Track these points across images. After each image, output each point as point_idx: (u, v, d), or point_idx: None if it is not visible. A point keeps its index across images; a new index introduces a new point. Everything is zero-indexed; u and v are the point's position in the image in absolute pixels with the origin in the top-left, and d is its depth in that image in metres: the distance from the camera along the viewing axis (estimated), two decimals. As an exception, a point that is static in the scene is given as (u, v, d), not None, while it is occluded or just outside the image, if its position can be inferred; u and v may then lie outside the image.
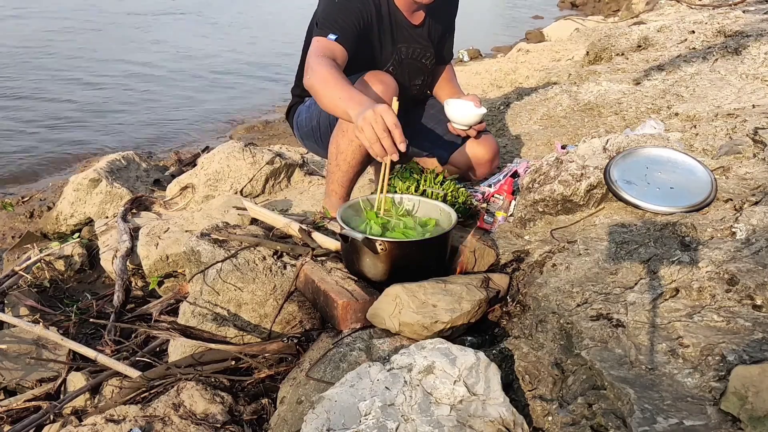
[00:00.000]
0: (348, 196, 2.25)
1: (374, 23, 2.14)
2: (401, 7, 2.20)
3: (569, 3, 13.29)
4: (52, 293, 2.76)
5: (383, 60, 2.24)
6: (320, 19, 2.05)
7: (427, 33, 2.32)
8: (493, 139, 2.44)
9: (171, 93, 7.11)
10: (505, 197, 2.09)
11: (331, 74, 1.85)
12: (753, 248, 1.44)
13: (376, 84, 2.00)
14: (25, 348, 2.20)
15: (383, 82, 2.02)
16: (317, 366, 1.51)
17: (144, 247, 2.63)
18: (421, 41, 2.31)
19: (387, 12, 2.18)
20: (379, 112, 1.58)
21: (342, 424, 1.17)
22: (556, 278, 1.57)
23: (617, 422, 1.11)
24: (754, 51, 3.34)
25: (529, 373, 1.38)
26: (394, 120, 1.58)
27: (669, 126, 2.56)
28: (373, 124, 1.57)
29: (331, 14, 2.03)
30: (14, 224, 3.76)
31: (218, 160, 3.29)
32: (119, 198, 3.33)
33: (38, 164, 4.98)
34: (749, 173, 1.86)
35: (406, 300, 1.50)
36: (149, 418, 1.51)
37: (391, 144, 1.58)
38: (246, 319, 1.80)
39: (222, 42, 10.03)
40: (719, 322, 1.27)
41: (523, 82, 4.90)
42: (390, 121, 1.57)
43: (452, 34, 2.52)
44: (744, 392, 1.04)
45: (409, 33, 2.27)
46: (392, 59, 2.26)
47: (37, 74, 7.41)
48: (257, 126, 6.07)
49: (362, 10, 2.08)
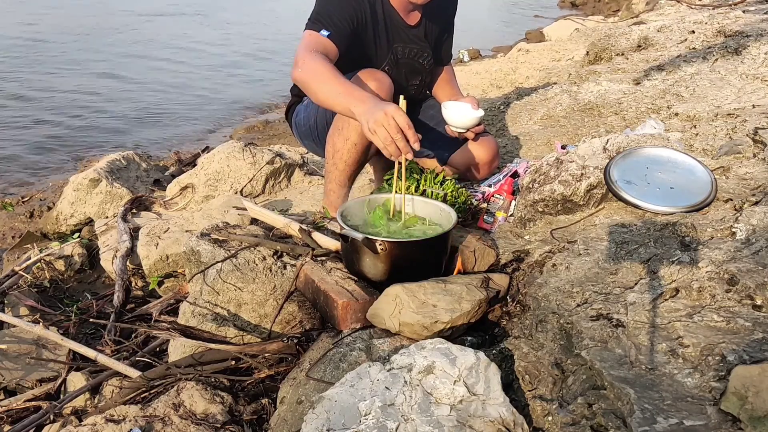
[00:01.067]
0: (347, 196, 2.25)
1: (369, 23, 2.14)
2: (397, 7, 2.20)
3: (569, 3, 13.30)
4: (52, 293, 2.76)
5: (379, 60, 2.24)
6: (314, 15, 2.04)
7: (423, 33, 2.32)
8: (493, 140, 2.44)
9: (171, 93, 7.11)
10: (505, 197, 2.09)
11: (326, 68, 1.84)
12: (753, 248, 1.44)
13: (371, 81, 2.00)
14: (25, 348, 2.20)
15: (378, 79, 2.02)
16: (317, 366, 1.51)
17: (144, 247, 2.64)
18: (418, 41, 2.31)
19: (382, 12, 2.18)
20: (391, 113, 1.59)
21: (342, 424, 1.17)
22: (556, 278, 1.57)
23: (617, 422, 1.11)
24: (754, 51, 3.34)
25: (529, 373, 1.38)
26: (406, 120, 1.59)
27: (669, 126, 2.56)
28: (386, 126, 1.58)
29: (325, 10, 2.03)
30: (14, 224, 3.76)
31: (218, 160, 3.29)
32: (119, 198, 3.33)
33: (38, 164, 4.98)
34: (749, 173, 1.86)
35: (406, 300, 1.50)
36: (149, 418, 1.51)
37: (406, 144, 1.60)
38: (246, 319, 1.80)
39: (222, 42, 10.03)
40: (719, 322, 1.27)
41: (523, 82, 4.90)
42: (402, 122, 1.59)
43: (451, 35, 2.52)
44: (744, 392, 1.04)
45: (405, 33, 2.27)
46: (388, 59, 2.26)
47: (37, 74, 7.42)
48: (257, 126, 6.07)
49: (357, 9, 2.08)
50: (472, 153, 2.39)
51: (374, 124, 1.60)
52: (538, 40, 7.63)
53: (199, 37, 10.23)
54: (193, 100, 6.89)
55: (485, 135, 2.43)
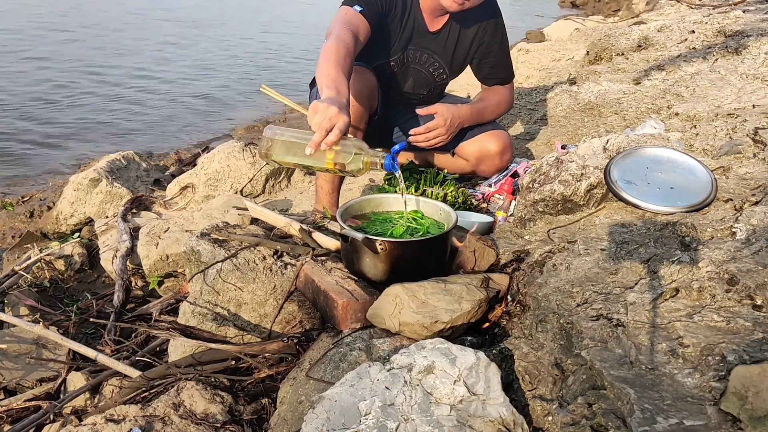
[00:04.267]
0: (336, 192, 2.24)
1: (397, 14, 2.16)
2: (424, 9, 2.19)
3: (569, 3, 13.29)
4: (52, 293, 2.76)
5: (390, 52, 2.24)
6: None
7: (443, 42, 2.29)
8: (505, 132, 2.42)
9: (171, 93, 7.11)
10: (505, 197, 2.10)
11: (337, 51, 1.87)
12: (753, 248, 1.44)
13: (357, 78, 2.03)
14: (25, 348, 2.20)
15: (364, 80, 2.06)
16: (317, 366, 1.51)
17: (144, 247, 2.64)
18: (432, 48, 2.28)
19: (409, 10, 2.19)
20: (335, 114, 1.57)
21: (342, 424, 1.17)
22: (556, 278, 1.57)
23: (617, 422, 1.11)
24: (754, 51, 3.34)
25: (529, 373, 1.38)
26: (339, 128, 1.57)
27: (669, 126, 2.56)
28: (323, 118, 1.58)
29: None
30: (14, 224, 3.76)
31: (218, 160, 3.29)
32: (119, 198, 3.33)
33: (38, 164, 4.98)
34: (749, 173, 1.86)
35: (406, 300, 1.50)
36: (149, 417, 1.51)
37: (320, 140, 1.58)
38: (246, 319, 1.80)
39: (221, 42, 10.03)
40: (719, 322, 1.27)
41: (524, 82, 4.90)
42: (338, 126, 1.57)
43: (498, 60, 2.44)
44: (744, 392, 1.04)
45: (422, 38, 2.25)
46: (397, 57, 2.25)
47: (37, 74, 7.41)
48: (257, 125, 6.07)
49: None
50: (481, 144, 2.37)
51: (321, 109, 1.59)
52: (538, 40, 7.62)
53: (200, 38, 10.23)
54: (193, 100, 6.89)
55: (497, 127, 2.42)
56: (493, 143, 2.36)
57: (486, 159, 2.39)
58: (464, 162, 2.44)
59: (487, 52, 2.41)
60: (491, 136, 2.36)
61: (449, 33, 2.29)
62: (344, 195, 2.61)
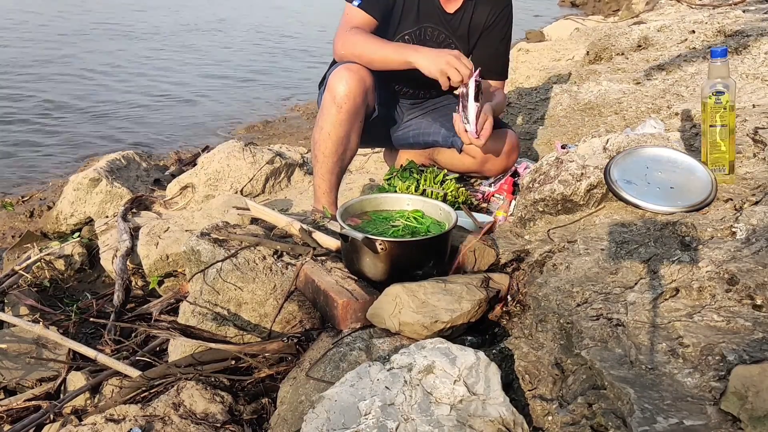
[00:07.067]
0: (333, 191, 2.24)
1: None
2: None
3: (569, 2, 13.29)
4: (52, 293, 2.76)
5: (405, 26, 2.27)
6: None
7: (458, 24, 2.30)
8: (513, 132, 2.41)
9: (171, 92, 7.11)
10: (505, 197, 2.10)
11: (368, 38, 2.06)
12: (753, 248, 1.44)
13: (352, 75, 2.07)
14: (25, 347, 2.20)
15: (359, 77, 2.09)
16: (317, 366, 1.51)
17: (144, 247, 2.64)
18: (448, 28, 2.29)
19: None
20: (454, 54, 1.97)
21: (342, 424, 1.17)
22: (556, 278, 1.57)
23: (617, 422, 1.11)
24: (754, 51, 3.33)
25: (529, 372, 1.38)
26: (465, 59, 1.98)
27: (669, 126, 2.56)
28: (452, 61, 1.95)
29: None
30: (14, 224, 3.76)
31: (218, 160, 3.29)
32: (119, 197, 3.33)
33: (38, 163, 4.98)
34: (749, 173, 1.86)
35: (406, 300, 1.50)
36: (149, 417, 1.51)
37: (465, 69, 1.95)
38: (246, 319, 1.80)
39: (221, 42, 10.03)
40: (719, 321, 1.27)
41: (524, 82, 4.89)
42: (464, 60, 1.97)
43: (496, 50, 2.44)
44: (744, 392, 1.04)
45: (438, 17, 2.26)
46: (412, 31, 2.25)
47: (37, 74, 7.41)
48: (257, 125, 6.07)
49: None
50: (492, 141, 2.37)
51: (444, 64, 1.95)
52: (538, 40, 7.61)
53: (201, 39, 10.23)
54: (193, 100, 6.89)
55: (505, 128, 2.41)
56: (501, 142, 2.36)
57: (493, 157, 2.39)
58: (471, 159, 2.43)
59: (489, 38, 2.42)
60: (500, 135, 2.36)
61: (463, 15, 2.29)
62: (344, 194, 2.61)
